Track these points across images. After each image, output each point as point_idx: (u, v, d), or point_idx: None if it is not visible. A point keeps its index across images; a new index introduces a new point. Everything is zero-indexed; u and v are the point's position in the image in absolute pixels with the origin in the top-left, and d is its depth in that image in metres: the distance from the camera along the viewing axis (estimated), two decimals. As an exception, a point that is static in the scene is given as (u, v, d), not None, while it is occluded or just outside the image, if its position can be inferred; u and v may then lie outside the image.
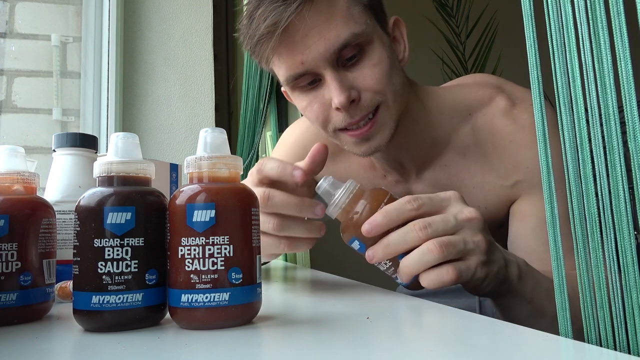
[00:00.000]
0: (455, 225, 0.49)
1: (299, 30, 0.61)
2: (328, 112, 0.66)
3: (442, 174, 0.75)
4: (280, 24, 0.60)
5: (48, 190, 0.62)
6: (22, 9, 1.47)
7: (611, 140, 0.33)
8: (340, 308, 0.49)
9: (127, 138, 0.42)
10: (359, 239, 0.51)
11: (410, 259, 0.48)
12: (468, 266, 0.48)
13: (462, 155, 0.74)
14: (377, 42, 0.64)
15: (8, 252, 0.43)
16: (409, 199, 0.50)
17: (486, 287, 0.51)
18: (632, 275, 0.32)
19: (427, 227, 0.48)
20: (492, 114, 0.72)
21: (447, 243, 0.47)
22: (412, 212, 0.49)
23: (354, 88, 0.63)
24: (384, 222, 0.49)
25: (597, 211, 0.34)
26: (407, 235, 0.48)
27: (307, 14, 0.60)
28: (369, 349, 0.33)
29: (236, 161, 0.42)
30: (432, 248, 0.47)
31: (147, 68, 1.54)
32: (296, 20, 0.60)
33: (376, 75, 0.63)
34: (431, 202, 0.50)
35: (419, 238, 0.48)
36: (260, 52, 0.64)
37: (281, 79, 0.68)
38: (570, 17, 0.35)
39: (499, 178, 0.71)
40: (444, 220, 0.49)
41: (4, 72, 1.44)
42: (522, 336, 0.36)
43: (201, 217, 0.39)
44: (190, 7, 1.59)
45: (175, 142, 1.53)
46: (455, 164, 0.74)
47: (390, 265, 0.51)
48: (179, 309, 0.39)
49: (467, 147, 0.73)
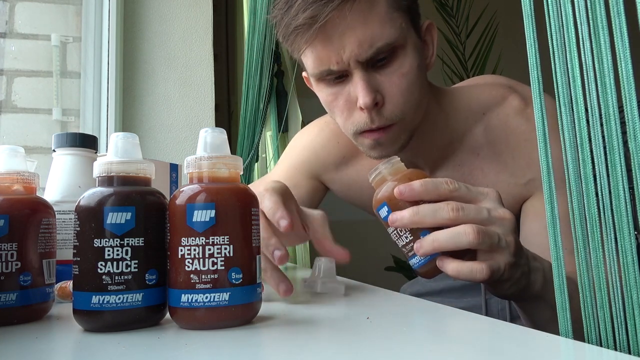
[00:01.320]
0: (487, 219, 0.48)
1: (337, 28, 0.61)
2: (352, 109, 0.66)
3: (456, 174, 0.75)
4: (319, 19, 0.59)
5: (48, 190, 0.62)
6: (22, 9, 1.47)
7: (611, 140, 0.33)
8: (340, 308, 0.48)
9: (127, 138, 0.42)
10: (388, 205, 0.51)
11: (441, 234, 0.47)
12: (499, 266, 0.47)
13: (475, 155, 0.74)
14: (410, 47, 0.64)
15: (8, 252, 0.43)
16: (448, 180, 0.50)
17: (507, 290, 0.50)
18: (632, 275, 0.32)
19: (459, 209, 0.47)
20: (505, 114, 0.72)
21: (485, 232, 0.46)
22: (447, 192, 0.49)
23: (380, 92, 0.64)
24: (419, 190, 0.48)
25: (597, 211, 0.34)
26: (438, 210, 0.47)
27: (348, 12, 0.60)
28: (369, 349, 0.33)
29: (236, 161, 0.42)
30: (469, 231, 0.46)
31: (147, 68, 1.54)
32: (336, 16, 0.60)
33: (403, 85, 0.64)
34: (468, 191, 0.50)
35: (449, 218, 0.47)
36: (294, 43, 0.64)
37: (309, 70, 0.68)
38: (570, 17, 0.35)
39: (513, 177, 0.71)
40: (478, 209, 0.48)
41: (4, 72, 1.44)
42: (522, 336, 0.36)
43: (201, 217, 0.39)
44: (190, 7, 1.59)
45: (175, 142, 1.53)
46: (468, 163, 0.74)
47: (411, 240, 0.50)
48: (179, 309, 0.39)
49: (481, 147, 0.73)
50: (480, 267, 0.47)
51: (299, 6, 0.61)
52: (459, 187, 0.49)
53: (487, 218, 0.48)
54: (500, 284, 0.49)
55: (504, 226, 0.49)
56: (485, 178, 0.73)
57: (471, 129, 0.74)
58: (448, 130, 0.74)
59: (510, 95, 0.73)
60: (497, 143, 0.72)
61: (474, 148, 0.74)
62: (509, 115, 0.71)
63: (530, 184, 0.71)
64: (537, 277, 0.52)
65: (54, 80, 1.46)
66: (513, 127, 0.71)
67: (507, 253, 0.48)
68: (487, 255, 0.48)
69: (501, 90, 0.74)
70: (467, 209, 0.48)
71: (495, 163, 0.73)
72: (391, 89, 0.64)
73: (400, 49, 0.63)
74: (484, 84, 0.79)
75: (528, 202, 0.72)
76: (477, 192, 0.50)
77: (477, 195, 0.50)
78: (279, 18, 0.65)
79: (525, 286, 0.51)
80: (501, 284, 0.49)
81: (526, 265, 0.51)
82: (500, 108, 0.73)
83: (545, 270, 0.53)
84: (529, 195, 0.72)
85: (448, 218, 0.47)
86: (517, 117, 0.71)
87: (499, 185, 0.72)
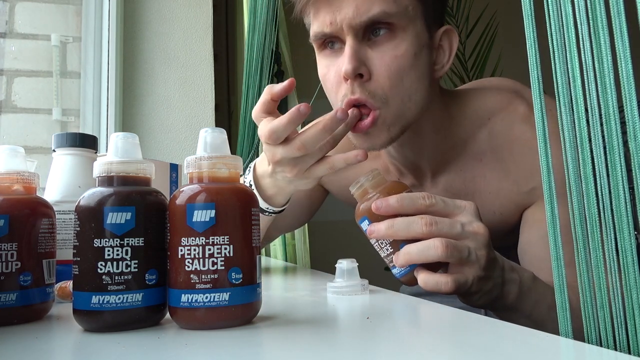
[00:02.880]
0: (460, 233, 0.50)
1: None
2: (340, 83, 0.64)
3: (457, 179, 0.74)
4: None
5: (48, 190, 0.62)
6: (22, 9, 1.47)
7: (611, 140, 0.33)
8: (340, 308, 0.49)
9: (127, 138, 0.42)
10: (369, 219, 0.53)
11: (413, 247, 0.49)
12: (466, 279, 0.49)
13: (478, 160, 0.73)
14: (411, 33, 0.62)
15: (8, 252, 0.43)
16: (425, 195, 0.51)
17: (477, 301, 0.52)
18: (632, 275, 0.32)
19: (433, 224, 0.49)
20: (510, 120, 0.71)
21: (453, 246, 0.48)
22: (423, 207, 0.51)
23: (366, 66, 0.62)
24: (396, 205, 0.50)
25: (597, 211, 0.34)
26: (411, 224, 0.49)
27: None
28: (369, 349, 0.33)
29: (236, 161, 0.42)
30: (437, 245, 0.48)
31: (147, 68, 1.54)
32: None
33: (392, 67, 0.61)
34: (444, 205, 0.52)
35: (422, 232, 0.49)
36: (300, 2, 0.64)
37: (310, 33, 0.67)
38: (570, 17, 0.35)
39: (515, 184, 0.71)
40: (451, 224, 0.50)
41: (4, 72, 1.44)
42: (522, 336, 0.36)
43: (201, 217, 0.39)
44: (190, 7, 1.59)
45: (175, 142, 1.53)
46: (470, 169, 0.74)
47: (391, 251, 0.52)
48: (179, 309, 0.39)
49: (484, 153, 0.72)
50: (445, 279, 0.49)
51: None
52: (435, 201, 0.51)
53: (460, 232, 0.50)
54: (468, 296, 0.51)
55: (477, 240, 0.50)
56: (487, 184, 0.73)
57: (475, 133, 0.73)
58: (452, 134, 0.73)
59: (516, 101, 0.72)
60: (500, 150, 0.71)
61: (477, 153, 0.73)
62: (514, 122, 0.70)
63: (533, 193, 0.70)
64: (512, 288, 0.53)
65: (54, 80, 1.46)
66: (517, 134, 0.70)
67: (477, 267, 0.50)
68: (456, 269, 0.50)
69: (507, 96, 0.73)
70: (441, 223, 0.49)
71: (498, 170, 0.72)
72: (380, 67, 0.62)
73: (399, 29, 0.62)
74: (490, 88, 0.78)
75: (528, 211, 0.71)
76: (454, 206, 0.52)
77: (453, 209, 0.52)
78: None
79: (498, 297, 0.52)
80: (470, 296, 0.51)
81: (500, 277, 0.52)
82: (505, 114, 0.71)
83: (522, 282, 0.54)
84: (531, 204, 0.71)
85: (421, 232, 0.49)
86: (522, 124, 0.70)
87: (501, 192, 0.72)
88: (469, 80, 2.52)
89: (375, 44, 0.62)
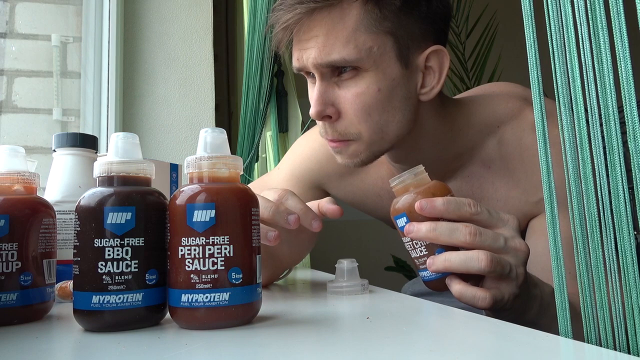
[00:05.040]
0: (502, 248, 0.48)
1: (306, 32, 0.63)
2: None
3: (465, 185, 0.74)
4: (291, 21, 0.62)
5: (48, 190, 0.62)
6: (22, 9, 1.47)
7: (611, 140, 0.33)
8: (340, 308, 0.49)
9: (127, 138, 0.42)
10: (407, 216, 0.51)
11: (454, 256, 0.48)
12: (502, 297, 0.48)
13: (486, 167, 0.73)
14: (374, 72, 0.62)
15: (8, 252, 0.43)
16: (471, 202, 0.50)
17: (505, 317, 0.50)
18: (632, 275, 0.32)
19: (477, 234, 0.48)
20: (521, 129, 0.70)
21: (498, 261, 0.47)
22: (468, 214, 0.49)
23: (335, 106, 0.63)
24: (441, 207, 0.49)
25: (597, 211, 0.34)
26: (455, 231, 0.48)
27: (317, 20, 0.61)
28: (369, 349, 0.33)
29: (236, 161, 0.42)
30: (482, 258, 0.46)
31: (147, 68, 1.54)
32: (306, 22, 0.62)
33: (355, 105, 0.63)
34: (489, 215, 0.50)
35: (465, 241, 0.48)
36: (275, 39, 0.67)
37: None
38: (570, 17, 0.35)
39: (525, 194, 0.70)
40: (495, 237, 0.48)
41: (4, 72, 1.44)
42: (522, 336, 0.36)
43: (201, 217, 0.39)
44: (190, 7, 1.59)
45: (175, 142, 1.53)
46: (478, 176, 0.73)
47: (425, 253, 0.51)
48: (179, 309, 0.39)
49: (493, 160, 0.72)
50: (483, 295, 0.47)
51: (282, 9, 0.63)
52: (481, 210, 0.50)
53: (503, 247, 0.48)
54: (499, 312, 0.50)
55: (518, 257, 0.49)
56: (496, 192, 0.72)
57: (484, 141, 0.72)
58: (454, 144, 0.72)
59: (527, 109, 0.71)
60: (510, 159, 0.71)
61: (485, 160, 0.72)
62: (524, 131, 0.70)
63: (541, 203, 0.69)
64: (534, 304, 0.52)
65: (54, 80, 1.46)
66: (528, 144, 0.69)
67: (514, 285, 0.48)
68: (494, 284, 0.48)
69: (518, 103, 0.72)
70: (485, 235, 0.48)
71: (508, 178, 0.71)
72: (345, 105, 0.63)
73: (363, 70, 0.62)
74: (499, 94, 0.77)
75: (535, 220, 0.71)
76: (497, 219, 0.50)
77: (497, 221, 0.50)
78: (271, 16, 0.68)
79: (521, 313, 0.52)
80: (500, 312, 0.50)
81: (527, 294, 0.51)
82: (515, 122, 0.71)
83: (543, 298, 0.53)
84: (538, 213, 0.71)
85: (464, 241, 0.48)
86: (532, 134, 0.68)
87: (509, 201, 0.71)
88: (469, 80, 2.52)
89: (342, 83, 0.64)
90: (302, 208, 0.54)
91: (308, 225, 0.53)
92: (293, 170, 0.89)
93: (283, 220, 0.51)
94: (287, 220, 0.51)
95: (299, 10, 0.61)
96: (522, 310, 0.51)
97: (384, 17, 0.62)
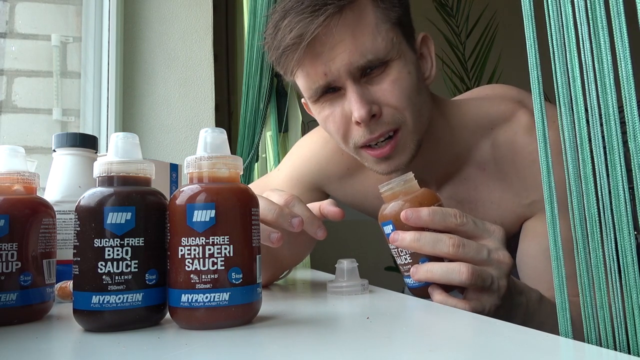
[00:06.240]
0: (486, 260, 0.49)
1: (325, 43, 0.60)
2: (348, 125, 0.65)
3: (462, 188, 0.74)
4: (306, 36, 0.59)
5: (48, 190, 0.62)
6: (22, 9, 1.47)
7: (611, 140, 0.33)
8: (340, 308, 0.49)
9: (127, 138, 0.42)
10: (394, 224, 0.52)
11: (436, 267, 0.48)
12: (483, 308, 0.48)
13: (481, 170, 0.73)
14: (399, 59, 0.63)
15: (8, 252, 0.43)
16: (457, 213, 0.50)
17: None
18: (632, 275, 0.32)
19: (460, 246, 0.48)
20: (513, 131, 0.70)
21: (479, 273, 0.47)
22: (453, 225, 0.49)
23: (375, 102, 0.63)
24: (427, 218, 0.49)
25: (597, 211, 0.34)
26: (438, 242, 0.48)
27: (334, 27, 0.60)
28: (369, 349, 0.33)
29: (236, 161, 0.42)
30: (463, 271, 0.47)
31: (147, 68, 1.54)
32: (322, 33, 0.59)
33: (396, 91, 0.63)
34: (474, 227, 0.50)
35: (448, 252, 0.48)
36: (285, 64, 0.64)
37: (303, 91, 0.67)
38: (570, 17, 0.35)
39: (517, 196, 0.71)
40: (478, 249, 0.49)
41: (4, 72, 1.44)
42: (522, 336, 0.36)
43: (201, 217, 0.39)
44: (190, 7, 1.59)
45: (175, 142, 1.53)
46: (474, 178, 0.74)
47: (409, 261, 0.52)
48: (179, 309, 0.39)
49: (487, 162, 0.72)
50: (462, 306, 0.48)
51: (285, 27, 0.61)
52: (466, 221, 0.50)
53: (486, 259, 0.49)
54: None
55: (500, 269, 0.49)
56: (490, 194, 0.73)
57: (478, 143, 0.73)
58: (455, 145, 0.73)
59: (519, 111, 0.71)
60: (503, 161, 0.71)
61: (479, 163, 0.73)
62: (517, 133, 0.70)
63: (534, 205, 0.70)
64: (518, 312, 0.52)
65: (54, 80, 1.46)
66: (520, 147, 0.70)
67: (496, 296, 0.49)
68: (475, 295, 0.49)
69: (511, 105, 0.73)
70: (468, 247, 0.48)
71: (501, 180, 0.72)
72: (384, 96, 0.63)
73: (391, 61, 0.63)
74: (493, 97, 0.77)
75: (529, 223, 0.71)
76: (483, 229, 0.51)
77: (483, 232, 0.51)
78: (270, 42, 0.65)
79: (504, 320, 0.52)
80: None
81: (510, 304, 0.51)
82: (508, 124, 0.71)
83: (528, 306, 0.53)
84: (531, 215, 0.71)
85: (447, 252, 0.48)
86: (525, 136, 0.70)
87: (502, 203, 0.72)
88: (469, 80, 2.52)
89: (374, 80, 0.63)
90: (308, 215, 0.54)
91: (313, 234, 0.54)
92: (293, 171, 0.89)
93: (287, 223, 0.51)
94: (290, 223, 0.51)
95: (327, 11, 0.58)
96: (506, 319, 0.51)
97: (391, 7, 0.63)
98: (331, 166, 0.84)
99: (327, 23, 0.59)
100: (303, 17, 0.59)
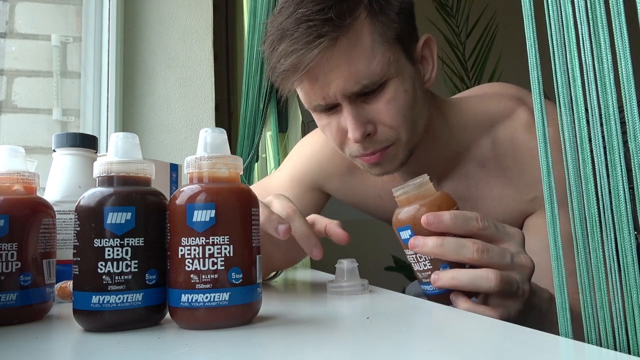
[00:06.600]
0: (509, 264, 0.48)
1: (321, 69, 0.61)
2: (344, 138, 0.67)
3: (462, 185, 0.75)
4: (301, 66, 0.60)
5: (48, 190, 0.62)
6: (22, 9, 1.47)
7: (611, 140, 0.33)
8: (340, 308, 0.48)
9: (127, 138, 0.42)
10: (412, 229, 0.50)
11: (463, 274, 0.47)
12: (509, 313, 0.47)
13: (481, 167, 0.73)
14: (399, 77, 0.64)
15: (8, 252, 0.43)
16: (478, 216, 0.49)
17: None
18: (632, 275, 0.32)
19: (485, 252, 0.47)
20: (513, 128, 0.71)
21: (507, 280, 0.46)
22: (475, 229, 0.48)
23: (370, 121, 0.64)
24: (449, 223, 0.47)
25: (597, 211, 0.34)
26: (462, 247, 0.47)
27: (329, 58, 0.60)
28: (369, 349, 0.33)
29: (236, 161, 0.42)
30: (491, 277, 0.46)
31: (147, 68, 1.54)
32: (317, 64, 0.60)
33: (391, 111, 0.63)
34: (496, 230, 0.49)
35: (472, 258, 0.46)
36: (282, 85, 0.65)
37: (302, 102, 0.69)
38: (570, 17, 0.35)
39: (518, 193, 0.71)
40: (502, 253, 0.47)
41: (4, 72, 1.44)
42: (522, 336, 0.36)
43: (201, 217, 0.39)
44: (190, 7, 1.59)
45: (175, 142, 1.53)
46: (474, 175, 0.74)
47: (429, 268, 0.50)
48: (179, 309, 0.39)
49: (487, 159, 0.73)
50: (491, 314, 0.46)
51: (281, 52, 0.61)
52: (488, 225, 0.48)
53: (509, 264, 0.47)
54: None
55: (523, 274, 0.48)
56: (490, 191, 0.73)
57: (478, 140, 0.73)
58: (453, 143, 0.73)
59: (519, 108, 0.72)
60: (503, 158, 0.71)
61: (479, 160, 0.73)
62: (517, 130, 0.70)
63: (535, 202, 0.70)
64: (533, 314, 0.52)
65: (54, 80, 1.46)
66: (520, 143, 0.70)
67: (520, 301, 0.48)
68: (501, 301, 0.48)
69: (510, 103, 0.73)
70: (492, 252, 0.47)
71: (501, 177, 0.72)
72: (379, 115, 0.64)
73: (389, 81, 0.63)
74: (492, 94, 0.78)
75: (530, 219, 0.71)
76: (504, 233, 0.49)
77: (503, 235, 0.49)
78: (267, 56, 0.65)
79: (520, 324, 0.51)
80: None
81: (529, 306, 0.50)
82: (507, 121, 0.71)
83: (541, 306, 0.53)
84: (532, 212, 0.71)
85: (471, 258, 0.46)
86: (525, 132, 0.70)
87: (503, 199, 0.72)
88: (469, 80, 2.52)
89: (369, 99, 0.64)
90: (306, 231, 0.53)
91: (309, 252, 0.53)
92: (294, 171, 0.89)
93: (272, 228, 0.50)
94: (276, 229, 0.49)
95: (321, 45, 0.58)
96: (521, 321, 0.51)
97: (389, 25, 0.63)
98: (332, 165, 0.84)
99: (322, 56, 0.59)
100: (297, 47, 0.59)
